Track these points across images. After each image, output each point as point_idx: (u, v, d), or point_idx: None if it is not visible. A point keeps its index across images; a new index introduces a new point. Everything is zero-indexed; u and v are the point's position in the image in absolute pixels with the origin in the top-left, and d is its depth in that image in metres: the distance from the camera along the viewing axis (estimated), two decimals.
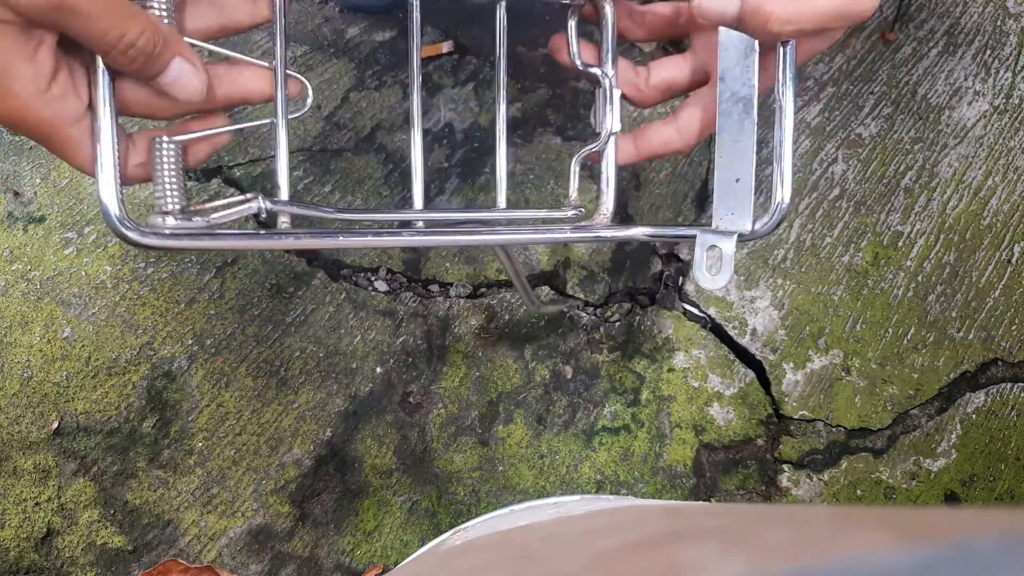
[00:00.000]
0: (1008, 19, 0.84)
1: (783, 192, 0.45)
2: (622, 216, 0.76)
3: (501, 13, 0.52)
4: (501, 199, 0.52)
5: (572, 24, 0.51)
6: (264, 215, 0.43)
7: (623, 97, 0.50)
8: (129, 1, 0.35)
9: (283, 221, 0.44)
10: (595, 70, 0.50)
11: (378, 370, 0.72)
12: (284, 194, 0.44)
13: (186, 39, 0.39)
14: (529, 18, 0.80)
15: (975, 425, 0.77)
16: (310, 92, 0.45)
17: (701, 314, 0.76)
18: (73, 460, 0.68)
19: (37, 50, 0.33)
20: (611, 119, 0.49)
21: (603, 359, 0.74)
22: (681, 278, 0.77)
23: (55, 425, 0.68)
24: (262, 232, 0.42)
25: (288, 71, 0.43)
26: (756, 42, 0.43)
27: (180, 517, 0.68)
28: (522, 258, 0.75)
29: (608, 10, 0.49)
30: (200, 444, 0.69)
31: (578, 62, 0.50)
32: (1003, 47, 0.83)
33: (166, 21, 0.38)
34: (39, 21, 0.32)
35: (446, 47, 0.77)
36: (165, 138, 0.40)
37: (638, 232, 0.48)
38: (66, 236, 0.71)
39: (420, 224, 0.48)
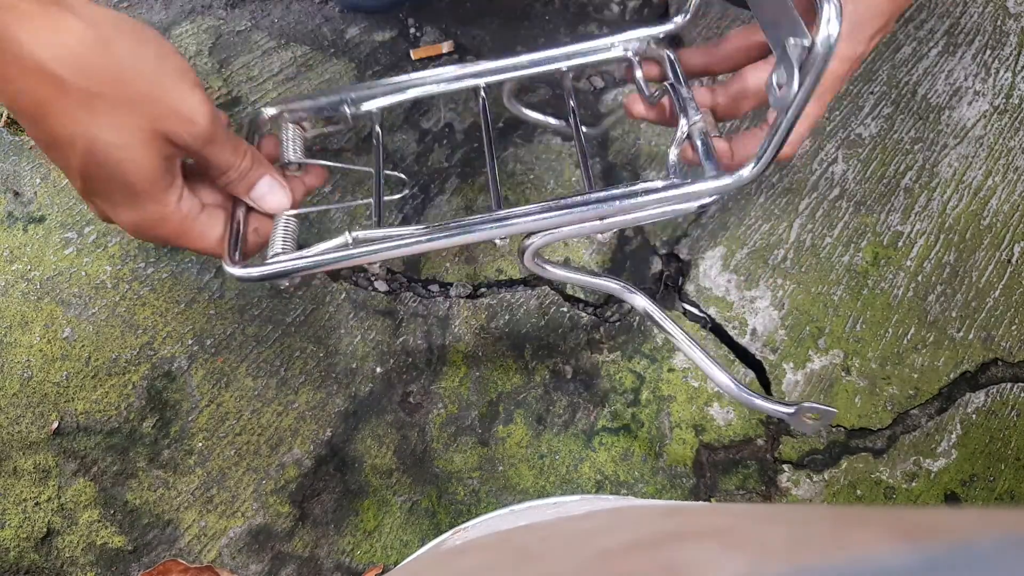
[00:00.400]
0: (1008, 19, 0.84)
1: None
2: None
3: (568, 83, 0.55)
4: (587, 181, 0.53)
5: (639, 76, 0.53)
6: (352, 244, 0.48)
7: (714, 116, 0.51)
8: (235, 133, 0.46)
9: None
10: (682, 124, 0.50)
11: (378, 370, 0.72)
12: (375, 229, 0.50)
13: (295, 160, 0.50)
14: (529, 18, 0.80)
15: (975, 425, 0.77)
16: (406, 182, 0.57)
17: (701, 314, 0.76)
18: (73, 460, 0.68)
19: (176, 175, 0.43)
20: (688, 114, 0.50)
21: (603, 359, 0.74)
22: (681, 278, 0.77)
23: (55, 425, 0.68)
24: (348, 249, 0.47)
25: (386, 171, 0.53)
26: None
27: (180, 517, 0.68)
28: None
29: (668, 59, 0.52)
30: (200, 444, 0.69)
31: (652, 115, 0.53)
32: (1003, 47, 0.83)
33: (294, 156, 0.51)
34: (188, 150, 0.42)
35: (446, 47, 0.77)
36: (287, 214, 0.49)
37: (729, 179, 0.47)
38: (66, 236, 0.71)
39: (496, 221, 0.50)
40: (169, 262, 0.71)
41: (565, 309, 0.74)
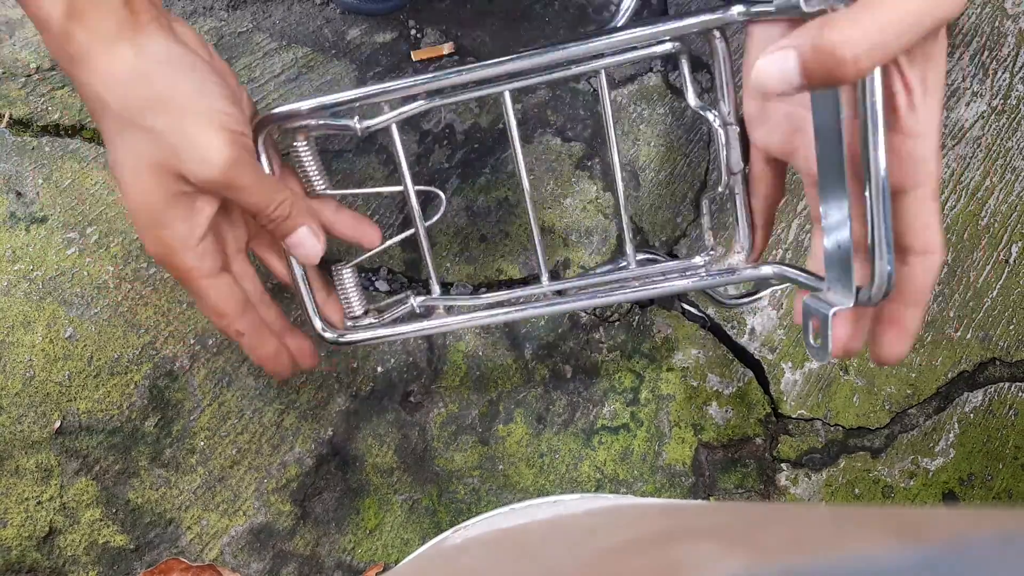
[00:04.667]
0: (1006, 20, 0.84)
1: (881, 263, 0.37)
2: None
3: (602, 80, 0.51)
4: (631, 258, 0.55)
5: (684, 63, 0.49)
6: (420, 310, 0.56)
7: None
8: (274, 177, 0.48)
9: (439, 311, 0.56)
10: (709, 114, 0.48)
11: (379, 369, 0.72)
12: (436, 291, 0.56)
13: (329, 192, 0.53)
14: (530, 19, 0.80)
15: (973, 424, 0.77)
16: (444, 199, 0.60)
17: (700, 314, 0.76)
18: (75, 459, 0.69)
19: (196, 216, 0.44)
20: (730, 159, 0.48)
21: (602, 359, 0.74)
22: None
23: (57, 424, 0.69)
24: (422, 323, 0.55)
25: (418, 187, 0.55)
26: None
27: (182, 516, 0.69)
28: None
29: (720, 48, 0.47)
30: (202, 443, 0.69)
31: (692, 102, 0.49)
32: (1001, 48, 0.84)
33: (320, 187, 0.52)
34: (209, 191, 0.43)
35: (447, 48, 0.78)
36: (343, 265, 0.55)
37: (768, 270, 0.49)
38: (68, 236, 0.71)
39: (550, 295, 0.54)
40: None
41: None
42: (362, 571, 0.69)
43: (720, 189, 0.49)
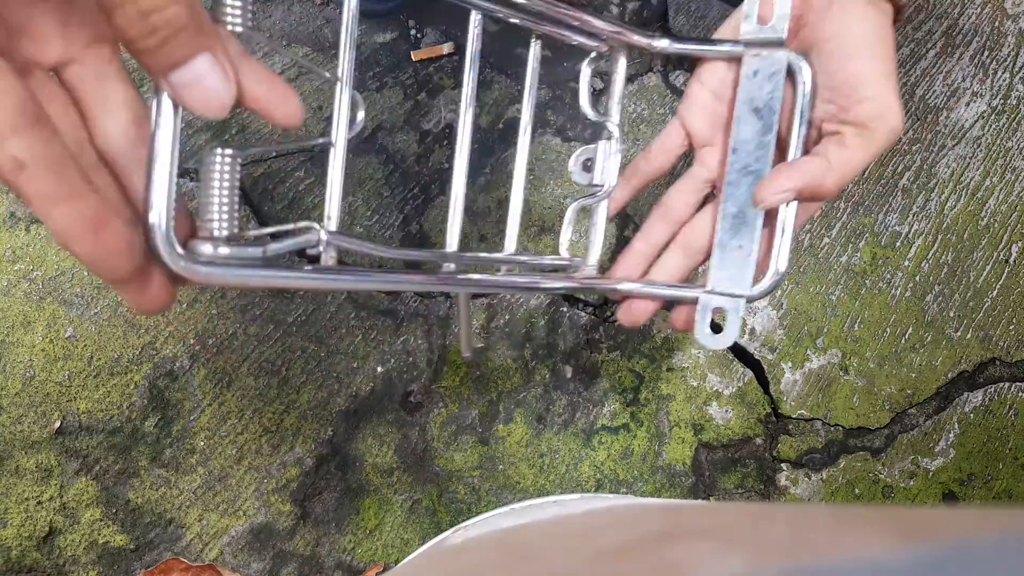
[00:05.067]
0: (1006, 20, 0.84)
1: (781, 262, 0.45)
2: (622, 216, 0.77)
3: (535, 50, 0.51)
4: (511, 241, 0.52)
5: (586, 71, 0.51)
6: (322, 248, 0.38)
7: None
8: None
9: (330, 256, 0.39)
10: (604, 119, 0.51)
11: (379, 369, 0.72)
12: (334, 225, 0.40)
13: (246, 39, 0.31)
14: None
15: (973, 424, 0.77)
16: (362, 107, 0.39)
17: None
18: (75, 459, 0.68)
19: None
20: (607, 170, 0.51)
21: (602, 359, 0.74)
22: None
23: (57, 424, 0.69)
24: (310, 268, 0.37)
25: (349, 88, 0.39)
26: (775, 125, 0.44)
27: (182, 516, 0.69)
28: None
29: (622, 67, 0.50)
30: (202, 443, 0.69)
31: (589, 111, 0.50)
32: (1001, 48, 0.84)
33: (238, 27, 0.31)
34: None
35: (446, 48, 0.78)
36: (224, 151, 0.32)
37: (632, 286, 0.49)
38: None
39: (452, 266, 0.49)
40: None
41: (564, 309, 0.75)
42: (362, 571, 0.69)
43: (595, 199, 0.52)
